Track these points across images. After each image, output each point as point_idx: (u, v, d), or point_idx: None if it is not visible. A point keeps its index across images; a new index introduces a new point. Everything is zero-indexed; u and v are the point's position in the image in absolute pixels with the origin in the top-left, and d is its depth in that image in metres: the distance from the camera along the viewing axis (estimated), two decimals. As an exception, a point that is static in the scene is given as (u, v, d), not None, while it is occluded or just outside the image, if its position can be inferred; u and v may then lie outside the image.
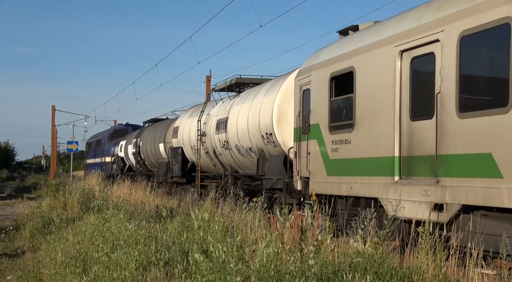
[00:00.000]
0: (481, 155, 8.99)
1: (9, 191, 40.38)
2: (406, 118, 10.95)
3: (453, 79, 9.66)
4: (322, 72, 13.86)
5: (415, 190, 10.46)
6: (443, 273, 7.39)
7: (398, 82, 11.11)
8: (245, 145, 18.85)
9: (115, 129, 48.48)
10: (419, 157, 10.58)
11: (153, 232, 10.91)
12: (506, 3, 8.63)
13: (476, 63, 9.44)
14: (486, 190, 8.89)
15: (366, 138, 12.03)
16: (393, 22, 11.86)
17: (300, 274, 7.17)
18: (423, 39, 10.42)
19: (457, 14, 9.69)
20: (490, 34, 8.95)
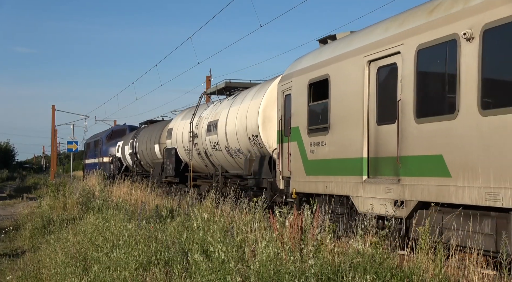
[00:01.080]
0: (434, 157, 10.06)
1: (9, 191, 40.56)
2: (373, 122, 12.00)
3: (411, 87, 10.73)
4: (301, 79, 14.91)
5: (380, 188, 11.52)
6: (443, 273, 7.41)
7: (366, 90, 12.16)
8: (233, 146, 19.93)
9: (112, 130, 49.55)
10: (384, 158, 11.64)
11: (153, 232, 10.88)
12: (454, 21, 9.70)
13: (430, 74, 10.50)
14: (438, 188, 9.96)
15: (339, 141, 13.08)
16: (363, 34, 12.93)
17: (300, 274, 7.15)
18: (387, 51, 11.48)
19: (415, 29, 10.75)
20: (441, 48, 10.01)
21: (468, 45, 9.35)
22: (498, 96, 8.90)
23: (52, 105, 57.10)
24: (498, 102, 8.84)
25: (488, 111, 8.97)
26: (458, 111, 9.56)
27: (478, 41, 9.17)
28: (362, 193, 12.10)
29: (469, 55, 9.33)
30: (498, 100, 8.85)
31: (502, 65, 8.95)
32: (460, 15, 9.62)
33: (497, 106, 8.83)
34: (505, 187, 8.57)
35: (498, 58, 9.02)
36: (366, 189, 11.97)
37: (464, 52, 9.43)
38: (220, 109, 21.68)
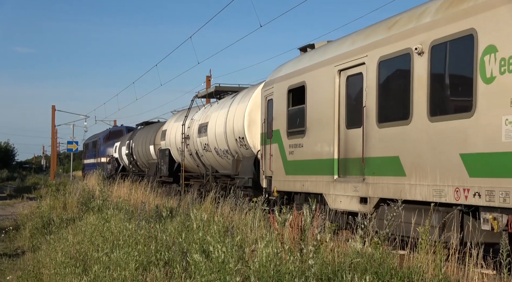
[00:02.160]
0: (392, 158, 11.26)
1: (9, 191, 40.62)
2: (343, 126, 13.20)
3: (374, 95, 11.93)
4: (282, 85, 16.11)
5: (348, 186, 12.72)
6: (443, 273, 7.43)
7: (337, 96, 13.35)
8: (222, 147, 21.14)
9: (110, 131, 50.77)
10: (352, 159, 12.84)
11: (153, 232, 10.90)
12: (408, 37, 10.90)
13: (389, 83, 11.71)
14: (395, 186, 11.16)
15: (314, 143, 14.28)
16: (335, 45, 14.13)
17: (300, 274, 7.17)
18: (355, 61, 12.68)
19: (377, 42, 11.96)
20: (398, 60, 11.22)
21: (419, 58, 10.55)
22: (442, 104, 10.09)
23: (52, 105, 57.32)
24: (442, 110, 10.04)
25: (435, 118, 10.16)
26: (411, 118, 10.75)
27: (427, 56, 10.38)
28: (333, 191, 13.30)
29: (420, 68, 10.53)
30: (443, 108, 10.04)
31: (445, 78, 10.15)
32: (413, 32, 10.82)
33: (442, 114, 10.03)
34: (447, 184, 9.77)
35: (442, 71, 10.22)
36: (337, 187, 13.17)
37: (416, 65, 10.63)
38: (210, 112, 22.89)
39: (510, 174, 8.56)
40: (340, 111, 13.30)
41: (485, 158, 9.05)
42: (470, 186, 9.32)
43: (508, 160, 8.60)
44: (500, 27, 8.85)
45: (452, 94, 9.95)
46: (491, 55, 8.96)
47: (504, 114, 8.67)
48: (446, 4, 10.25)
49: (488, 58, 9.00)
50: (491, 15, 9.03)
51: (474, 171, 9.27)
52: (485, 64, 9.05)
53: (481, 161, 9.13)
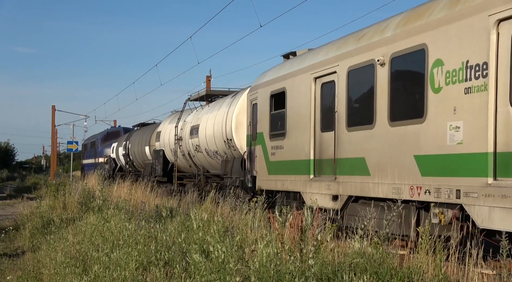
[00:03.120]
0: (359, 159, 12.41)
1: (9, 191, 40.61)
2: (318, 130, 14.35)
3: (344, 102, 13.09)
4: (265, 90, 17.27)
5: (322, 185, 13.88)
6: (443, 273, 7.47)
7: (313, 102, 14.50)
8: (212, 148, 22.30)
9: (108, 132, 51.97)
10: (325, 160, 13.99)
11: (153, 232, 10.91)
12: (372, 49, 12.05)
13: (357, 91, 12.86)
14: (361, 184, 12.31)
15: (293, 145, 15.43)
16: (312, 54, 15.30)
17: (300, 274, 7.18)
18: (328, 70, 13.83)
19: (347, 53, 13.12)
20: (364, 70, 12.38)
21: (381, 69, 11.70)
22: (400, 111, 11.24)
23: (52, 105, 57.01)
24: (400, 116, 11.19)
25: (394, 123, 11.32)
26: (375, 123, 11.91)
27: (388, 67, 11.53)
28: (310, 189, 14.45)
29: (382, 78, 11.69)
30: (400, 115, 11.20)
31: (402, 87, 11.31)
32: (376, 44, 11.98)
33: (399, 119, 11.19)
34: (404, 183, 10.93)
35: (400, 81, 11.37)
36: (312, 186, 14.32)
37: (379, 75, 11.78)
38: (201, 115, 24.07)
39: (453, 173, 9.72)
40: (316, 116, 14.44)
41: (433, 159, 10.21)
42: (422, 184, 10.47)
43: (451, 161, 9.76)
44: (446, 43, 10.00)
45: (408, 102, 11.10)
46: (439, 68, 10.12)
47: (449, 120, 9.83)
48: (404, 20, 11.41)
49: (437, 70, 10.16)
50: (439, 32, 10.18)
51: (425, 170, 10.43)
52: (434, 75, 10.21)
53: (430, 161, 10.29)
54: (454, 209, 9.85)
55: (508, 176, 8.77)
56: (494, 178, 8.98)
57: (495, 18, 8.99)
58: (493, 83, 9.00)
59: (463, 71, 9.59)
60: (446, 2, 10.35)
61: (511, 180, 8.69)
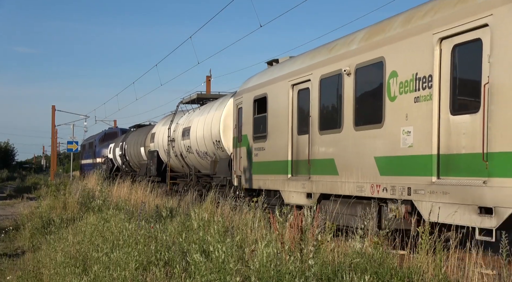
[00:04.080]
0: (329, 160, 13.63)
1: (9, 191, 40.55)
2: (295, 133, 15.57)
3: (316, 107, 14.31)
4: (249, 95, 18.48)
5: (298, 184, 15.09)
6: (443, 273, 7.49)
7: (291, 107, 15.72)
8: (202, 149, 23.53)
9: (105, 133, 53.26)
10: (301, 161, 15.21)
11: (153, 232, 10.93)
12: (340, 60, 13.27)
13: (327, 98, 14.08)
14: (331, 183, 13.53)
15: (273, 147, 16.65)
16: (291, 62, 16.52)
17: (300, 274, 7.20)
18: (303, 78, 15.06)
19: (319, 63, 14.34)
20: (333, 79, 13.60)
21: (348, 78, 12.93)
22: (363, 116, 12.46)
23: (52, 105, 57.61)
24: (363, 121, 12.41)
25: (358, 127, 12.55)
26: (342, 127, 13.14)
27: (353, 76, 12.76)
28: (287, 188, 15.67)
29: (348, 86, 12.92)
30: (363, 120, 12.41)
31: (365, 95, 12.53)
32: (344, 56, 13.21)
33: (363, 124, 12.41)
34: (365, 182, 12.15)
35: (363, 89, 12.60)
36: (290, 185, 15.54)
37: (345, 83, 13.01)
38: (192, 117, 25.31)
39: (405, 173, 10.95)
40: (293, 120, 15.66)
41: (390, 160, 11.44)
42: (381, 183, 11.70)
43: (403, 162, 10.99)
44: (400, 57, 11.23)
45: (369, 108, 12.32)
46: (394, 79, 11.35)
47: (402, 126, 11.05)
48: (367, 35, 12.64)
49: (392, 81, 11.39)
50: (395, 47, 11.41)
51: (383, 170, 11.65)
52: (390, 85, 11.44)
53: (387, 162, 11.52)
54: (406, 205, 11.07)
55: (449, 175, 10.00)
56: (437, 177, 10.22)
57: (438, 36, 10.22)
58: (436, 93, 10.22)
59: (413, 82, 10.82)
60: (401, 20, 11.58)
61: (451, 179, 9.92)
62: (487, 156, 9.06)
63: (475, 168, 9.35)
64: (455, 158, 9.89)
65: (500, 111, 8.86)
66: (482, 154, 9.14)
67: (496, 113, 8.91)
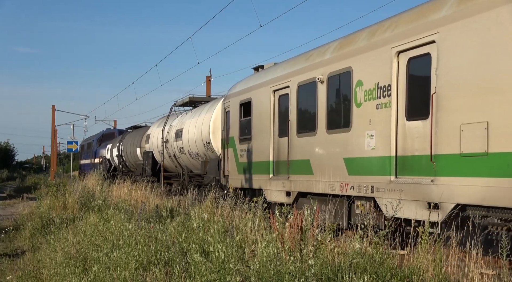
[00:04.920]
0: (305, 161, 14.78)
1: (9, 191, 40.64)
2: (276, 135, 16.72)
3: (295, 112, 15.47)
4: (235, 100, 19.63)
5: (279, 183, 16.24)
6: (443, 273, 7.52)
7: (273, 111, 16.87)
8: (193, 150, 24.69)
9: (103, 134, 54.46)
10: (282, 161, 16.36)
11: (153, 232, 10.93)
12: (315, 69, 14.41)
13: (304, 103, 15.23)
14: (307, 182, 14.68)
15: (257, 148, 17.79)
16: (273, 69, 17.68)
17: (300, 274, 7.22)
18: (283, 84, 16.22)
19: (297, 71, 15.50)
20: (309, 86, 14.75)
21: (321, 86, 14.07)
22: (334, 121, 13.61)
23: (52, 105, 58.06)
24: (334, 125, 13.56)
25: (330, 131, 13.71)
26: (317, 130, 14.29)
27: (326, 84, 13.91)
28: (269, 186, 16.82)
29: (322, 93, 14.07)
30: (335, 124, 13.56)
31: (336, 101, 13.68)
32: (318, 65, 14.37)
33: (334, 128, 13.56)
34: (336, 181, 13.30)
35: (334, 96, 13.75)
36: (271, 184, 16.69)
37: (319, 91, 14.16)
38: (185, 119, 26.48)
39: (369, 172, 12.10)
40: (275, 123, 16.82)
41: (356, 161, 12.59)
42: (349, 181, 12.85)
43: (367, 163, 12.15)
44: (365, 67, 12.37)
45: (339, 114, 13.48)
46: (360, 87, 12.50)
47: (366, 130, 12.21)
48: (338, 46, 13.80)
49: (358, 89, 12.54)
50: (360, 58, 12.56)
51: (351, 170, 12.80)
52: (357, 93, 12.58)
53: (354, 163, 12.67)
54: (370, 201, 12.21)
55: (404, 174, 11.16)
56: (395, 176, 11.37)
57: (395, 50, 11.38)
58: (394, 101, 11.38)
59: (375, 90, 11.97)
60: (366, 33, 12.73)
61: (406, 178, 11.08)
62: (434, 157, 10.21)
63: (425, 168, 10.51)
64: (409, 159, 11.05)
65: (444, 118, 10.01)
66: (430, 155, 10.30)
67: (441, 119, 10.07)
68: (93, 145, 53.88)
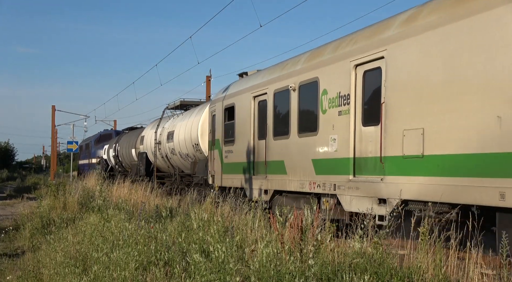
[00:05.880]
0: (280, 161, 16.17)
1: (9, 191, 40.94)
2: (256, 138, 18.12)
3: (271, 117, 16.87)
4: (221, 104, 21.02)
5: (258, 182, 17.64)
6: (443, 273, 7.54)
7: (253, 116, 18.26)
8: (184, 151, 26.08)
9: (100, 135, 55.87)
10: (260, 162, 17.75)
11: (153, 232, 11.00)
12: (288, 78, 15.80)
13: (279, 109, 16.61)
14: (282, 181, 16.08)
15: (240, 150, 19.18)
16: (254, 77, 19.05)
17: (300, 274, 7.24)
18: (262, 91, 17.61)
19: (274, 79, 16.90)
20: (283, 93, 16.14)
21: (294, 93, 15.46)
22: (304, 125, 15.01)
23: (52, 105, 58.53)
24: (304, 129, 14.95)
25: (301, 135, 15.11)
26: (290, 134, 15.67)
27: (297, 92, 15.29)
28: (250, 185, 18.19)
29: (294, 100, 15.46)
30: (305, 128, 14.95)
31: (306, 108, 15.06)
32: (291, 74, 15.77)
33: (304, 132, 14.95)
34: (306, 180, 14.69)
35: (304, 103, 15.14)
36: (252, 183, 18.07)
37: (292, 98, 15.55)
38: (176, 122, 27.88)
39: (332, 172, 13.50)
40: (255, 127, 18.21)
41: (322, 162, 13.98)
42: (316, 180, 14.23)
43: (331, 163, 13.55)
44: (329, 78, 13.76)
45: (308, 119, 14.87)
46: (325, 96, 13.89)
47: (330, 134, 13.61)
48: (308, 58, 15.21)
49: (324, 97, 13.93)
50: (326, 70, 13.97)
51: (318, 170, 14.19)
52: (323, 101, 13.97)
53: (321, 164, 14.06)
54: (334, 198, 13.60)
55: (361, 174, 12.56)
56: (353, 175, 12.75)
57: (354, 63, 12.78)
58: (352, 109, 12.77)
59: (338, 99, 13.37)
60: (331, 47, 14.14)
61: (361, 177, 12.47)
62: (383, 159, 11.60)
63: (376, 168, 11.91)
64: (365, 160, 12.45)
65: (391, 125, 11.42)
66: (380, 157, 11.71)
67: (389, 126, 11.47)
68: (91, 145, 55.27)
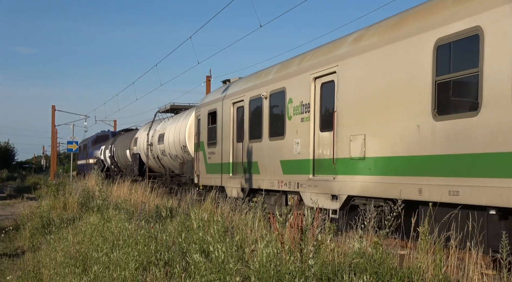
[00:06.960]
0: (254, 162, 17.90)
1: (9, 191, 41.06)
2: (235, 141, 19.82)
3: (247, 121, 18.58)
4: (205, 109, 22.71)
5: (236, 181, 19.32)
6: (443, 273, 7.55)
7: (232, 120, 19.96)
8: (173, 153, 27.77)
9: (97, 136, 57.64)
10: (238, 163, 19.44)
11: (153, 232, 11.02)
12: (261, 87, 17.47)
13: (254, 115, 18.30)
14: (256, 180, 17.78)
15: (221, 151, 20.88)
16: (233, 85, 20.73)
17: (300, 274, 7.26)
18: (239, 98, 19.33)
19: (250, 87, 18.62)
20: (257, 101, 17.85)
21: (265, 101, 17.15)
22: (274, 130, 16.69)
23: (52, 105, 58.67)
24: (274, 134, 16.64)
25: (271, 138, 16.83)
26: (262, 138, 17.36)
27: (268, 100, 16.98)
28: (229, 184, 19.89)
29: (266, 107, 17.16)
30: (274, 133, 16.64)
31: (275, 114, 16.74)
32: (264, 84, 17.50)
33: (274, 136, 16.65)
34: (275, 179, 16.40)
35: (274, 110, 16.81)
36: (231, 182, 19.77)
37: (264, 105, 17.25)
38: (166, 125, 29.58)
39: (296, 172, 15.19)
40: (234, 131, 19.90)
41: (288, 163, 15.66)
42: (284, 179, 15.93)
43: (295, 164, 15.25)
44: (294, 88, 15.46)
45: (277, 125, 16.57)
46: (290, 104, 15.58)
47: (294, 138, 15.31)
48: (278, 69, 16.95)
49: (290, 105, 15.63)
50: (291, 81, 15.69)
51: (285, 170, 15.88)
52: (289, 109, 15.67)
53: (287, 164, 15.74)
54: (297, 195, 15.28)
55: (319, 173, 14.26)
56: (313, 175, 14.44)
57: (313, 76, 14.49)
58: (312, 116, 14.47)
59: (300, 107, 15.05)
60: (297, 60, 15.85)
61: (319, 176, 14.16)
62: (335, 160, 13.28)
63: (330, 168, 13.61)
64: (321, 162, 14.15)
65: (341, 131, 13.13)
66: (333, 158, 13.39)
67: (340, 131, 13.19)
68: (88, 146, 56.96)
